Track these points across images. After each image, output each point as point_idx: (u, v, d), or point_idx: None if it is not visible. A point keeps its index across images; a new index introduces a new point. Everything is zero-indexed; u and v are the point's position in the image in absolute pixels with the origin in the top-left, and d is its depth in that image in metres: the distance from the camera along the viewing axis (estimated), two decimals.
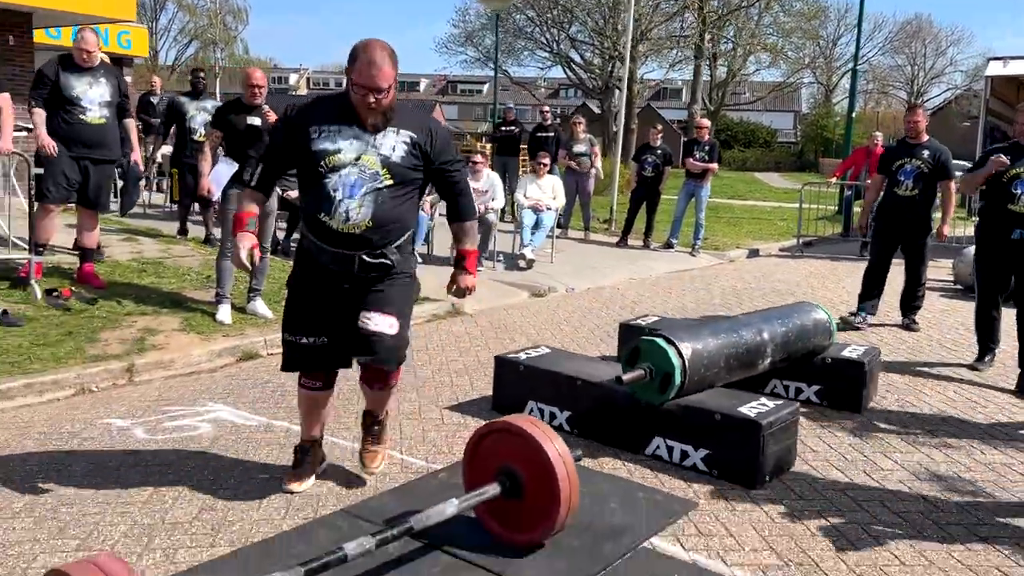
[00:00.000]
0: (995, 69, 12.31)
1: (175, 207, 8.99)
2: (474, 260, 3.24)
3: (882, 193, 6.62)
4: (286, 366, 3.19)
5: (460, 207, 3.22)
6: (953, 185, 6.34)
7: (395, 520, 2.63)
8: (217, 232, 8.60)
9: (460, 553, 2.74)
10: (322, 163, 2.89)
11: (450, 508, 2.62)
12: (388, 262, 3.02)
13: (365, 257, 2.98)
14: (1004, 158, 5.17)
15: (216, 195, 5.87)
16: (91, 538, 2.87)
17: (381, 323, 2.98)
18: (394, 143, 2.95)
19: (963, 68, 51.70)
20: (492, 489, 2.75)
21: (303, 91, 59.06)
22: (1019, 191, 5.10)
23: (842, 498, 3.44)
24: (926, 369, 5.61)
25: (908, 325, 6.72)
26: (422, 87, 65.54)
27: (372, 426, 3.40)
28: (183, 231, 8.59)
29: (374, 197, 2.92)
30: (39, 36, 11.22)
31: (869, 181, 7.24)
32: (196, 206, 9.28)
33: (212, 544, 2.86)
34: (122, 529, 2.94)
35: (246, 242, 2.94)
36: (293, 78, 64.69)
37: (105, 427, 4.00)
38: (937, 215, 6.77)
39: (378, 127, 2.92)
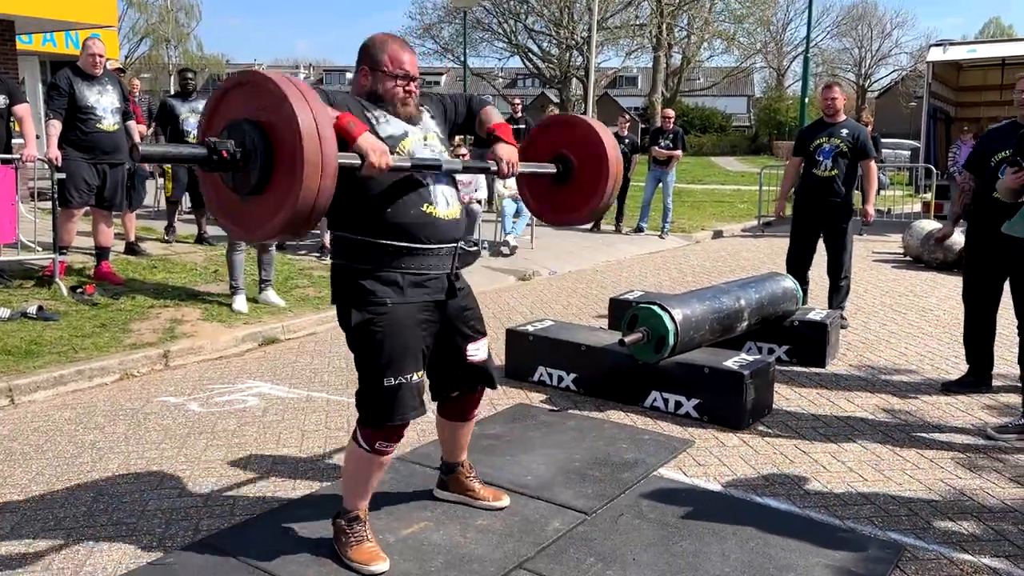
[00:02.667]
0: (936, 55, 13.08)
1: (163, 205, 9.17)
2: (508, 132, 2.84)
3: (800, 175, 6.26)
4: (398, 414, 2.59)
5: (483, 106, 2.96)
6: (874, 164, 6.16)
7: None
8: (210, 230, 8.98)
9: (509, 484, 3.29)
10: (397, 150, 2.53)
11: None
12: (478, 248, 3.03)
13: (464, 246, 2.72)
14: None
15: None
16: (189, 485, 3.35)
17: (483, 348, 2.88)
18: (432, 126, 2.75)
19: (908, 50, 53.27)
20: (549, 167, 3.15)
21: None
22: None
23: (814, 434, 4.06)
24: (880, 329, 6.29)
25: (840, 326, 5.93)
26: None
27: (470, 468, 3.17)
28: (171, 228, 8.77)
29: (448, 175, 2.70)
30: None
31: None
32: (186, 204, 9.58)
33: (293, 488, 3.36)
34: (211, 480, 3.43)
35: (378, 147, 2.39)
36: None
37: (161, 404, 4.47)
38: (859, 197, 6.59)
39: (414, 121, 2.67)
